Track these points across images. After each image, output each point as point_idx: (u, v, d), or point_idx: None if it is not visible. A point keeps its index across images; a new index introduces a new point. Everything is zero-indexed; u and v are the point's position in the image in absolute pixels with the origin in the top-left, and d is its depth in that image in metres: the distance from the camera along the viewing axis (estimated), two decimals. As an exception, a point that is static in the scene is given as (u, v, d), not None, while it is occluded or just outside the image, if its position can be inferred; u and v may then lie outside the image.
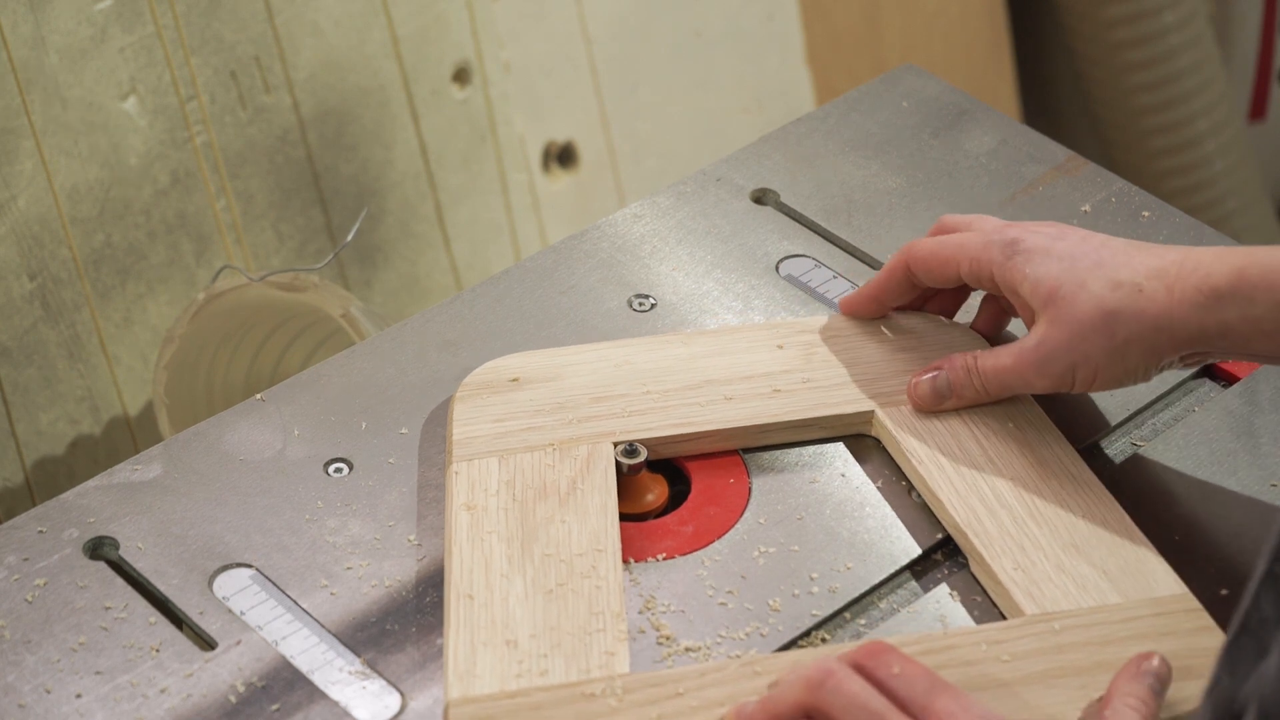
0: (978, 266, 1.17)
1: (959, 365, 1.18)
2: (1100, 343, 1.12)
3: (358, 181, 1.82)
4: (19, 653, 1.08)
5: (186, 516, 1.15)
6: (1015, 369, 1.15)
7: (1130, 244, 1.14)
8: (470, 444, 1.17)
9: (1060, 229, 1.16)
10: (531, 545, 1.12)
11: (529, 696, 1.04)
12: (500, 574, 1.10)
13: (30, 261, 1.63)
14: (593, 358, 1.23)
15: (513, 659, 1.06)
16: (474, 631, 1.07)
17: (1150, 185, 2.27)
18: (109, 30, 1.64)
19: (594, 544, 1.12)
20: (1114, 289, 1.11)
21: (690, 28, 2.04)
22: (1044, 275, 1.13)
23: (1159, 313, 1.10)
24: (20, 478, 1.66)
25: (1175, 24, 2.26)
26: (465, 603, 1.09)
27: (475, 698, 1.04)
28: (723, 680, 1.05)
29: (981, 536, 1.12)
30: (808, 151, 1.41)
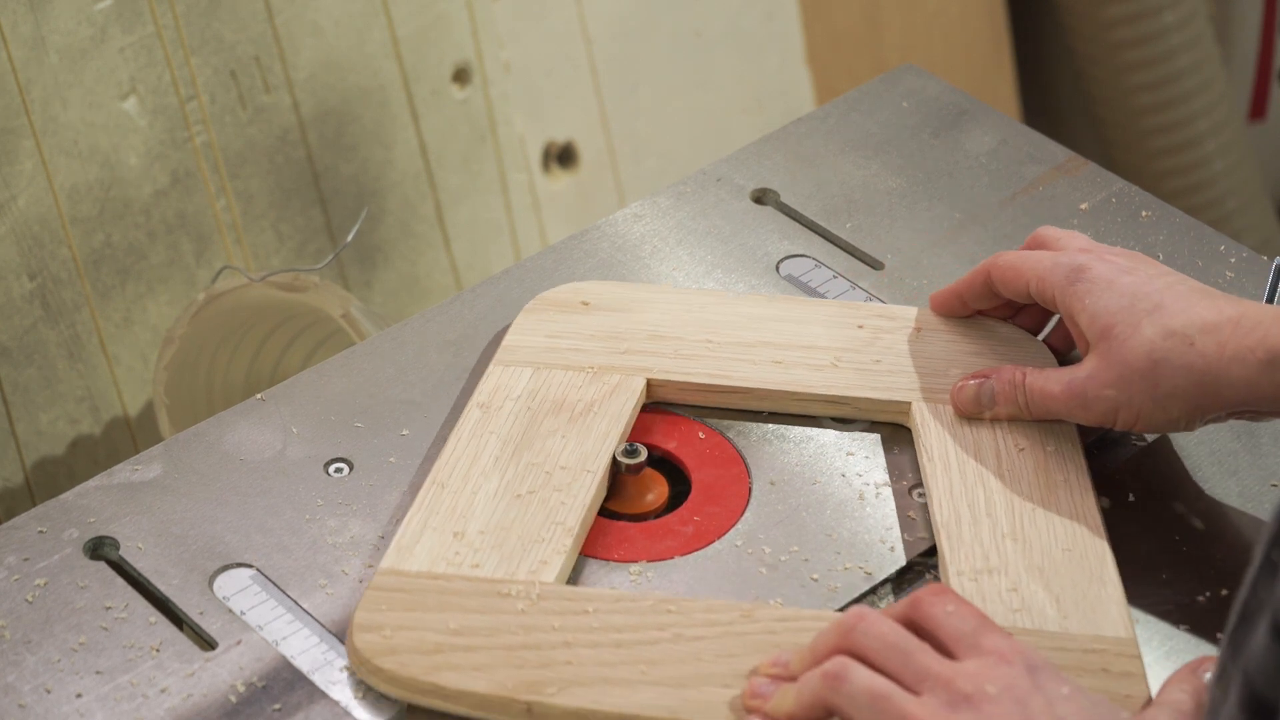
0: (1043, 287, 1.17)
1: (1006, 378, 1.18)
2: (1145, 389, 1.11)
3: (358, 181, 1.82)
4: (19, 653, 1.08)
5: (186, 516, 1.15)
6: (1060, 397, 1.15)
7: (1197, 290, 1.13)
8: (515, 351, 1.22)
9: (1134, 260, 1.16)
10: (523, 452, 1.15)
11: (450, 582, 1.08)
12: (481, 470, 1.14)
13: (30, 261, 1.63)
14: (670, 299, 1.25)
15: (452, 547, 1.10)
16: (430, 516, 1.12)
17: (1150, 185, 2.27)
18: (109, 30, 1.64)
19: (582, 463, 1.15)
20: (1166, 337, 1.10)
21: (690, 28, 2.04)
22: (1102, 310, 1.13)
23: (1206, 369, 1.09)
24: (20, 478, 1.66)
25: (1175, 24, 2.26)
26: (435, 489, 1.13)
27: (401, 572, 1.09)
28: (634, 610, 1.07)
29: (952, 540, 1.11)
30: (808, 151, 1.41)
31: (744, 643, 1.06)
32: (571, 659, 1.04)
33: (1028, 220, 1.35)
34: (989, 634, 0.99)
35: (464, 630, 1.06)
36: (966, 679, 0.97)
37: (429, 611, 1.07)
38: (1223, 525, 1.16)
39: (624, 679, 1.04)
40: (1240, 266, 1.32)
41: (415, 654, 1.04)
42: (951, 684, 0.97)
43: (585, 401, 1.19)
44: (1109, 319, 1.13)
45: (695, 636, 1.06)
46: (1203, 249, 1.33)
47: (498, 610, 1.07)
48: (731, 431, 1.20)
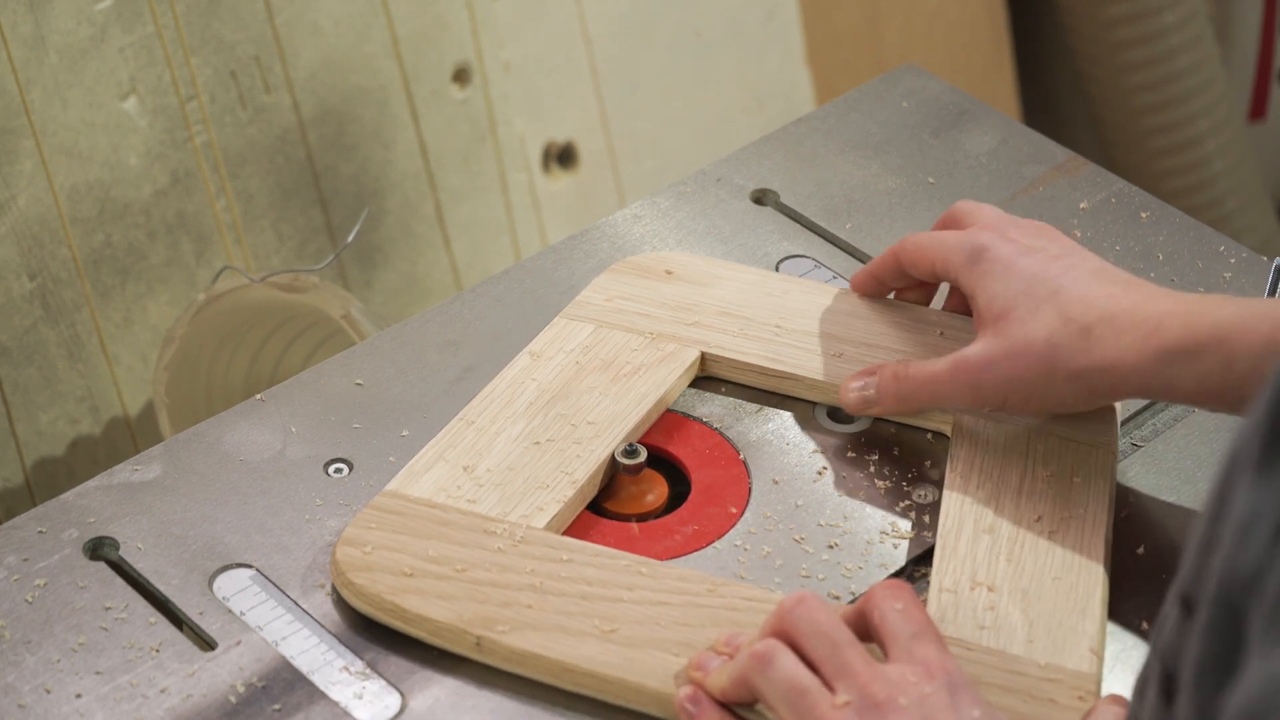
0: (946, 267, 1.17)
1: (888, 374, 1.17)
2: (1038, 372, 1.11)
3: (358, 181, 1.82)
4: (19, 653, 1.08)
5: (186, 517, 1.15)
6: (949, 377, 1.14)
7: (1097, 273, 1.13)
8: (583, 307, 1.25)
9: (1038, 237, 1.15)
10: (558, 403, 1.18)
11: (444, 513, 1.11)
12: (511, 414, 1.18)
13: (30, 261, 1.63)
14: (751, 279, 1.26)
15: (457, 480, 1.13)
16: (446, 449, 1.15)
17: (1150, 185, 2.27)
18: (109, 30, 1.64)
19: (609, 422, 1.17)
20: (1064, 324, 1.10)
21: (690, 28, 2.04)
22: (999, 293, 1.13)
23: (1102, 359, 1.10)
24: (20, 478, 1.66)
25: (1175, 24, 2.26)
26: (461, 425, 1.17)
27: (403, 496, 1.12)
28: (608, 567, 1.09)
29: (946, 550, 1.11)
30: (808, 151, 1.41)
31: (704, 615, 1.07)
32: (533, 603, 1.07)
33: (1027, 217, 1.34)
34: (924, 643, 0.99)
35: (440, 559, 1.08)
36: (882, 685, 0.97)
37: (415, 537, 1.10)
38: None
39: (577, 630, 1.06)
40: (1240, 266, 1.32)
41: (387, 574, 1.08)
42: (867, 687, 0.97)
43: (634, 364, 1.20)
44: (1006, 302, 1.13)
45: (659, 601, 1.07)
46: (1203, 249, 1.33)
47: (478, 546, 1.09)
48: (731, 431, 1.20)
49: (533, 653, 1.05)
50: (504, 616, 1.06)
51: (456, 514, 1.11)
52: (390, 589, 1.07)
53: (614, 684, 1.04)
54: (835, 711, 0.97)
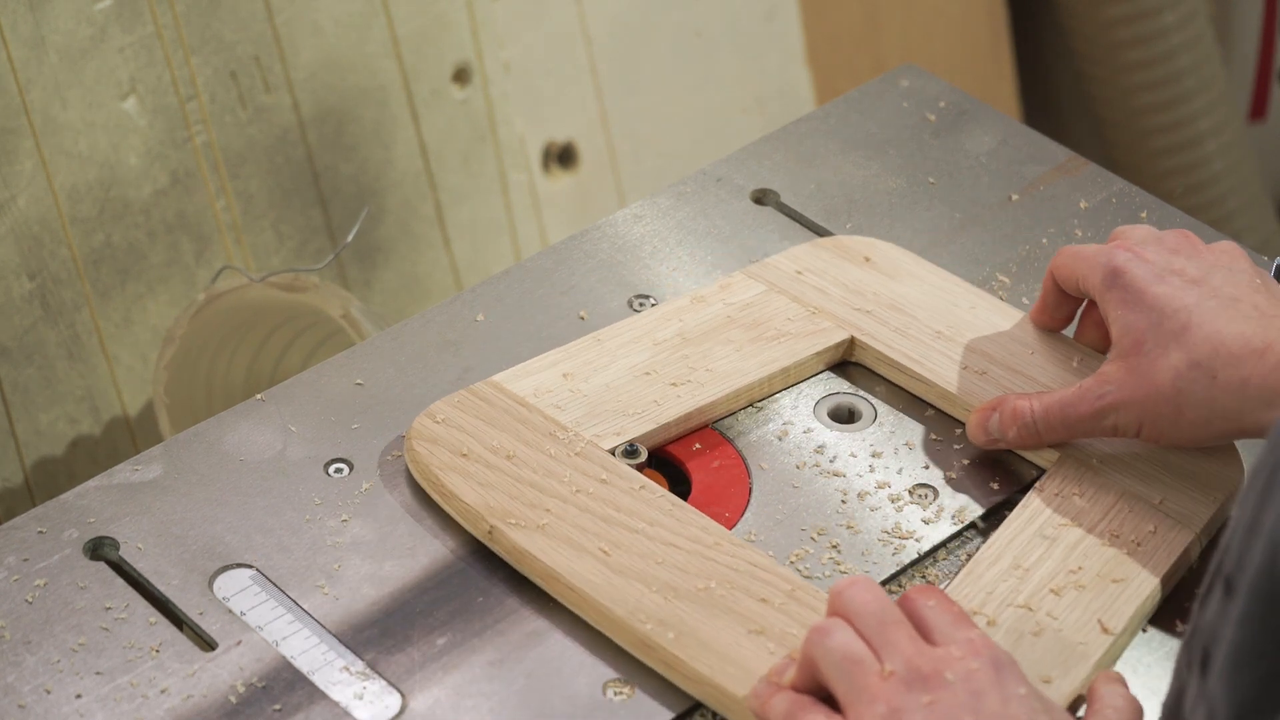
0: (1086, 285, 1.17)
1: (1011, 406, 1.17)
2: (1168, 413, 1.12)
3: (358, 181, 1.82)
4: (19, 653, 1.08)
5: (186, 517, 1.15)
6: (1082, 404, 1.14)
7: (1229, 305, 1.11)
8: (767, 268, 1.28)
9: (1175, 256, 1.15)
10: (690, 346, 1.22)
11: (527, 412, 1.16)
12: (641, 345, 1.22)
13: (30, 261, 1.63)
14: (942, 284, 1.27)
15: (556, 386, 1.18)
16: (566, 359, 1.21)
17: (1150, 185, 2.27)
18: (109, 30, 1.64)
19: (729, 375, 1.20)
20: (1190, 368, 1.10)
21: (690, 28, 2.05)
22: (1131, 324, 1.13)
23: (1228, 404, 1.10)
24: (20, 478, 1.66)
25: (1175, 24, 2.26)
26: (590, 341, 1.22)
27: (501, 388, 1.18)
28: (641, 500, 1.12)
29: (970, 575, 1.10)
30: (808, 151, 1.41)
31: (703, 566, 1.09)
32: (556, 511, 1.10)
33: (1028, 220, 1.35)
34: (965, 627, 1.00)
35: (497, 450, 1.13)
36: (929, 660, 0.98)
37: (489, 425, 1.15)
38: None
39: (581, 545, 1.09)
40: (1240, 267, 1.32)
41: (446, 450, 1.13)
42: (913, 659, 0.98)
43: (781, 331, 1.23)
44: (1137, 335, 1.13)
45: (669, 542, 1.10)
46: (1203, 249, 1.33)
47: (536, 448, 1.13)
48: (731, 432, 1.20)
49: (530, 554, 1.09)
50: (524, 515, 1.10)
51: (539, 416, 1.15)
52: (440, 464, 1.12)
53: (588, 604, 1.07)
54: (883, 681, 0.97)
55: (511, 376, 1.19)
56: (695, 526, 1.11)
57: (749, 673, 1.04)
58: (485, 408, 1.17)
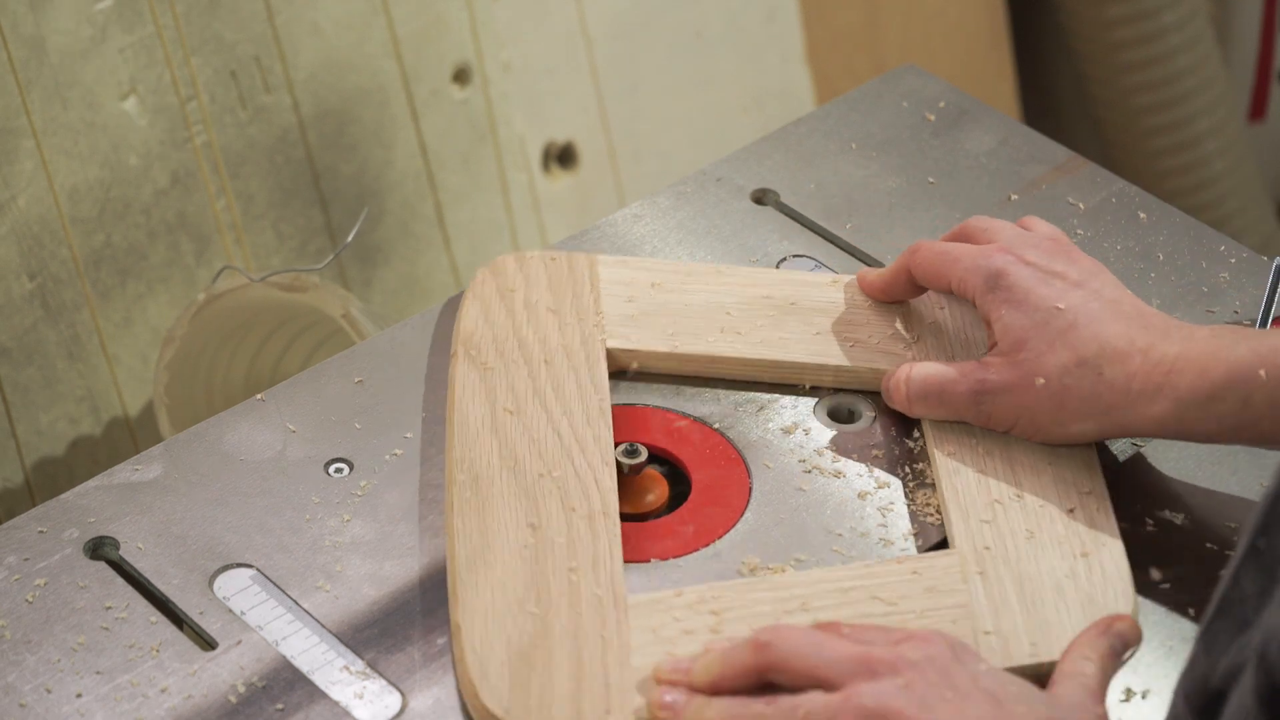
0: (963, 286, 1.17)
1: (901, 375, 1.18)
2: (1049, 408, 1.13)
3: (358, 181, 1.82)
4: (19, 653, 1.08)
5: (187, 516, 1.15)
6: (965, 396, 1.15)
7: (1114, 307, 1.13)
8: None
9: (1054, 259, 1.15)
10: (777, 310, 1.25)
11: (593, 294, 1.24)
12: (741, 289, 1.26)
13: (30, 261, 1.63)
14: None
15: (637, 292, 1.25)
16: (666, 272, 1.27)
17: (1150, 185, 2.27)
18: (109, 30, 1.64)
19: (774, 346, 1.22)
20: (1077, 364, 1.11)
21: (690, 28, 2.05)
22: (1015, 323, 1.14)
23: (1113, 402, 1.11)
24: (20, 478, 1.66)
25: (1175, 24, 2.26)
26: (711, 270, 1.27)
27: (593, 267, 1.27)
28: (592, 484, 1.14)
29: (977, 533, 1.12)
30: (808, 151, 1.41)
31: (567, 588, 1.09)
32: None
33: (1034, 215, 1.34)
34: (908, 633, 1.00)
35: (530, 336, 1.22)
36: (884, 649, 0.98)
37: (550, 292, 1.25)
38: (1222, 525, 1.16)
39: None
40: (1240, 266, 1.32)
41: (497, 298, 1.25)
42: (868, 657, 0.98)
43: (858, 338, 1.23)
44: (1021, 333, 1.13)
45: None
46: (1203, 249, 1.33)
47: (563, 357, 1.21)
48: (732, 432, 1.20)
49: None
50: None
51: (592, 310, 1.25)
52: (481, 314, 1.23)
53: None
54: (842, 695, 0.97)
55: (611, 262, 1.26)
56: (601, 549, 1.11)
57: None
58: (564, 274, 1.25)
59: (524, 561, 1.10)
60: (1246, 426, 1.08)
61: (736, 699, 1.00)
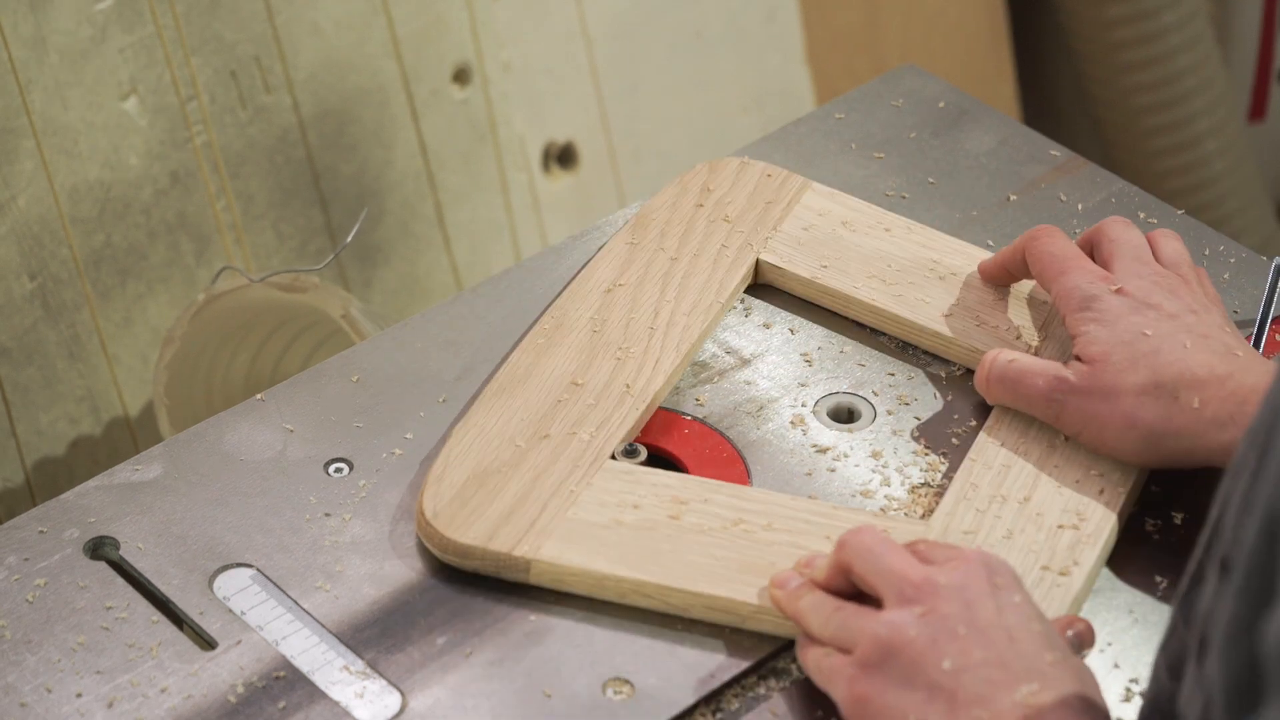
0: (1059, 300, 1.18)
1: (987, 357, 1.19)
2: (1119, 422, 1.13)
3: (358, 181, 1.82)
4: (20, 652, 1.08)
5: (187, 516, 1.15)
6: (1042, 392, 1.15)
7: (1203, 340, 1.13)
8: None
9: (1155, 291, 1.16)
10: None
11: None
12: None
13: (30, 261, 1.63)
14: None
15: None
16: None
17: (1150, 185, 2.27)
18: (109, 30, 1.64)
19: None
20: (1155, 386, 1.12)
21: (690, 28, 2.05)
22: (1100, 337, 1.14)
23: (1184, 425, 1.11)
24: (20, 478, 1.66)
25: (1175, 24, 2.26)
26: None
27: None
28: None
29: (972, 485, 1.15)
30: (808, 151, 1.40)
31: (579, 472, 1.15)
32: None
33: (1028, 220, 1.35)
34: (956, 548, 1.04)
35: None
36: (919, 571, 1.01)
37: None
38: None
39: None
40: (1240, 266, 1.32)
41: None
42: (905, 580, 1.01)
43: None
44: (1105, 347, 1.14)
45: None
46: (1203, 249, 1.33)
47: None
48: (732, 432, 1.20)
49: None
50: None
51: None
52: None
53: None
54: (869, 609, 1.02)
55: (822, 192, 1.32)
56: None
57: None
58: (771, 189, 1.31)
59: (544, 405, 1.18)
60: None
61: (825, 595, 1.05)
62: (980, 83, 2.29)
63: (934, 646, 0.98)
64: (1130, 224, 1.22)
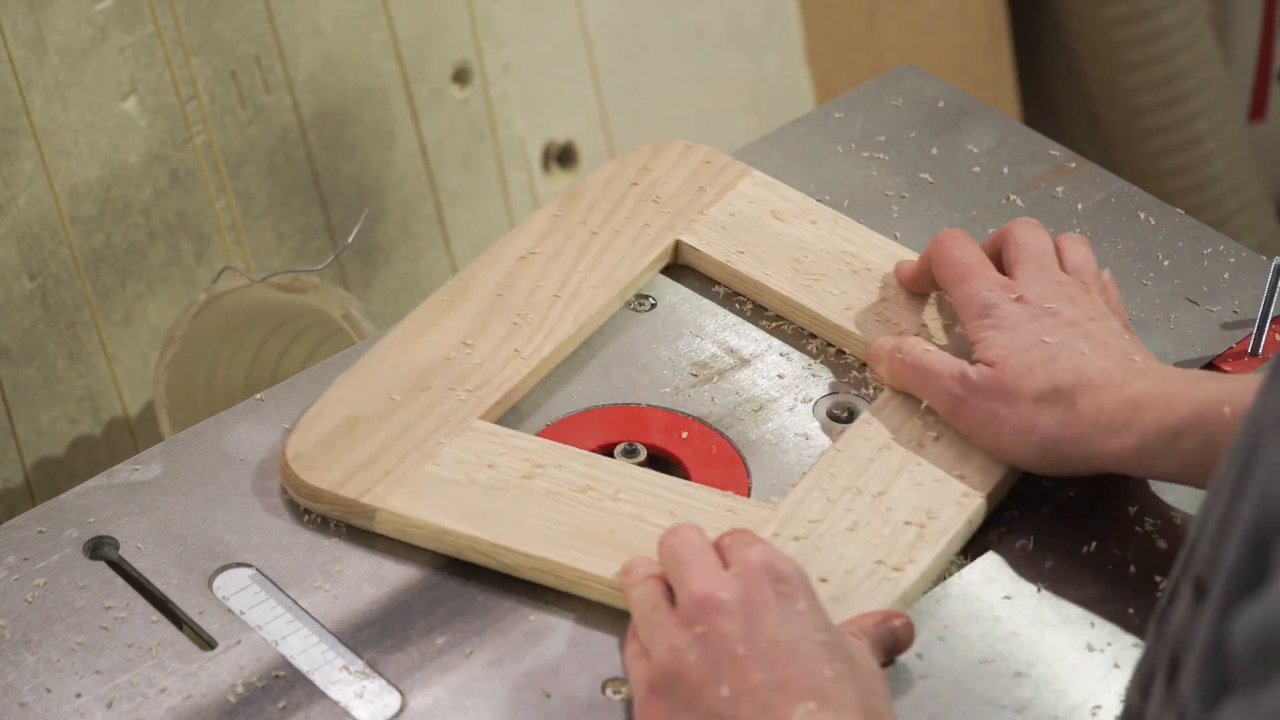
0: (959, 307, 1.19)
1: (894, 341, 1.20)
2: (1015, 426, 1.13)
3: (358, 181, 1.82)
4: (19, 652, 1.08)
5: (186, 516, 1.15)
6: (944, 384, 1.15)
7: (1100, 347, 1.13)
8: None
9: (1055, 298, 1.16)
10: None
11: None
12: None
13: (30, 261, 1.63)
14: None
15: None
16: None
17: (1150, 185, 2.27)
18: (109, 30, 1.64)
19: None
20: (1052, 390, 1.12)
21: (690, 28, 2.05)
22: (998, 342, 1.15)
23: (1080, 431, 1.11)
24: (20, 478, 1.66)
25: (1175, 24, 2.26)
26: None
27: None
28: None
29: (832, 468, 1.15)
30: (808, 151, 1.41)
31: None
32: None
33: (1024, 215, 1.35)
34: (751, 547, 1.04)
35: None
36: (702, 582, 1.02)
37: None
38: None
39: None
40: (1240, 266, 1.32)
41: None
42: (690, 592, 1.01)
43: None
44: (1004, 351, 1.14)
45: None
46: (1203, 249, 1.33)
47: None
48: (732, 431, 1.20)
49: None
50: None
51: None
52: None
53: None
54: (658, 614, 1.03)
55: (759, 180, 1.32)
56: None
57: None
58: (709, 173, 1.33)
59: (431, 363, 1.19)
60: (1208, 465, 1.07)
61: (652, 589, 1.05)
62: (980, 83, 2.29)
63: (714, 672, 0.98)
64: (1039, 227, 1.22)
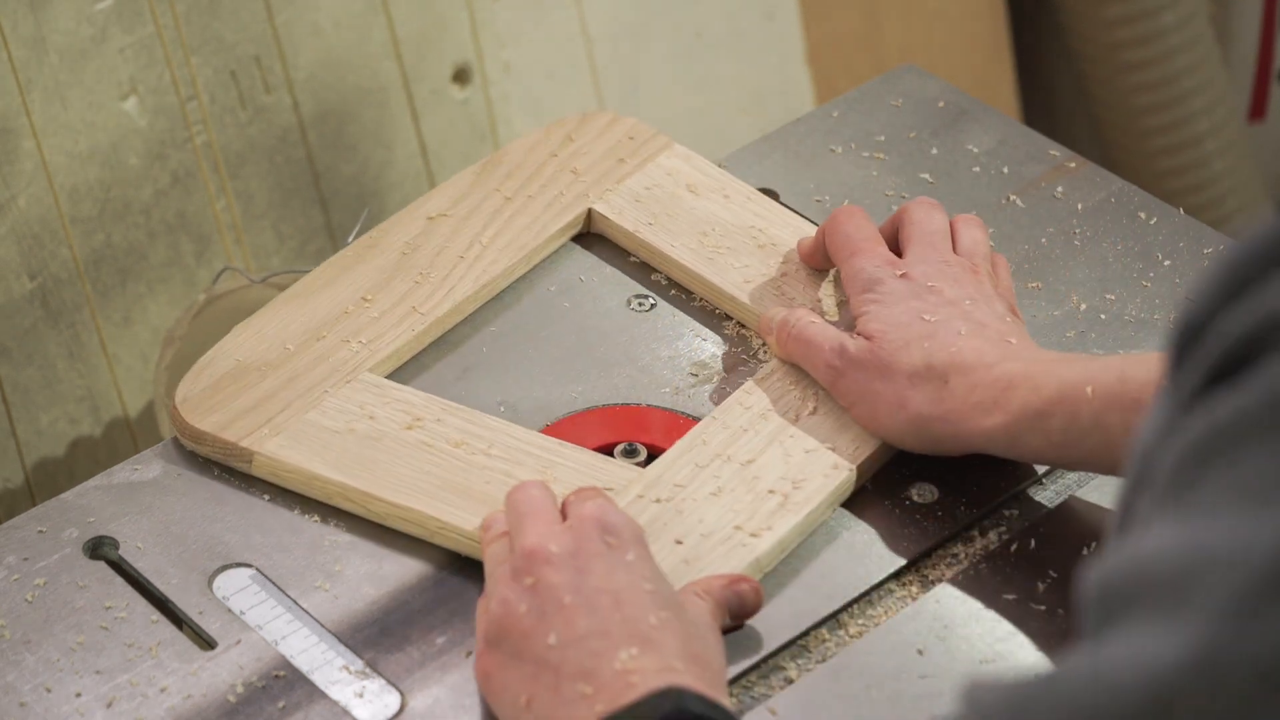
0: (846, 282, 1.20)
1: (785, 314, 1.20)
2: (889, 402, 1.14)
3: (358, 181, 1.83)
4: (19, 652, 1.08)
5: (186, 516, 1.15)
6: (824, 358, 1.16)
7: (978, 328, 1.14)
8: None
9: (940, 277, 1.17)
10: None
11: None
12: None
13: (30, 261, 1.63)
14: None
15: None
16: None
17: (1150, 185, 2.27)
18: (109, 30, 1.64)
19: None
20: (926, 369, 1.13)
21: (690, 28, 2.05)
22: (878, 316, 1.16)
23: (951, 410, 1.12)
24: (20, 478, 1.66)
25: (1175, 24, 2.26)
26: None
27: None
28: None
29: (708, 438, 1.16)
30: (808, 151, 1.41)
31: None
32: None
33: (1027, 220, 1.35)
34: (588, 501, 1.05)
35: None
36: (535, 536, 1.03)
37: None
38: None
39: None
40: (1240, 266, 1.32)
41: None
42: (522, 545, 1.03)
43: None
44: (883, 325, 1.15)
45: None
46: (1203, 249, 1.33)
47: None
48: (731, 431, 1.20)
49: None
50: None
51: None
52: None
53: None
54: (501, 569, 1.04)
55: (679, 154, 1.34)
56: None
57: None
58: (631, 145, 1.34)
59: (328, 316, 1.21)
60: (1072, 444, 1.09)
61: (504, 547, 1.07)
62: (980, 83, 2.29)
63: (541, 621, 1.00)
64: (936, 207, 1.23)
